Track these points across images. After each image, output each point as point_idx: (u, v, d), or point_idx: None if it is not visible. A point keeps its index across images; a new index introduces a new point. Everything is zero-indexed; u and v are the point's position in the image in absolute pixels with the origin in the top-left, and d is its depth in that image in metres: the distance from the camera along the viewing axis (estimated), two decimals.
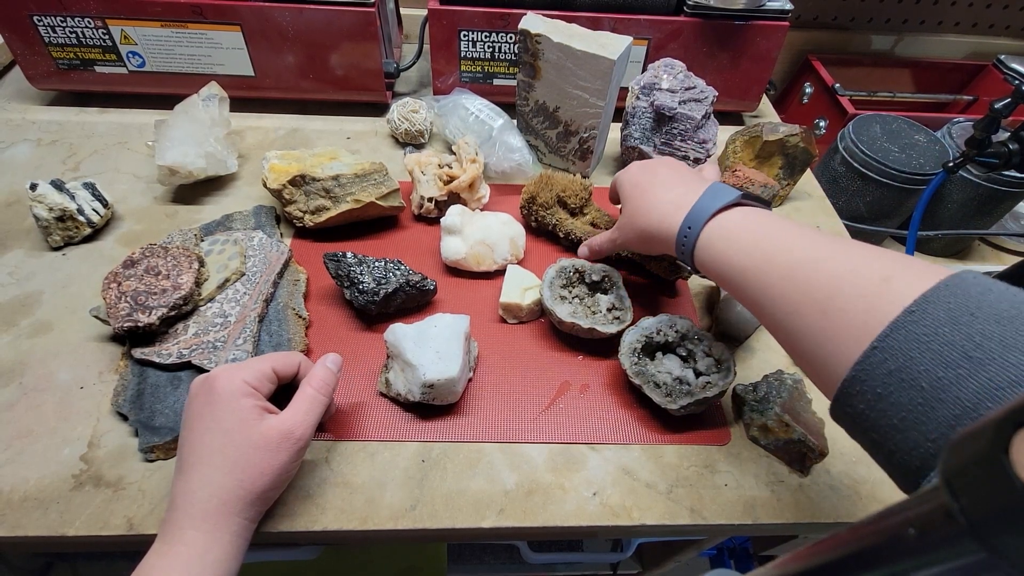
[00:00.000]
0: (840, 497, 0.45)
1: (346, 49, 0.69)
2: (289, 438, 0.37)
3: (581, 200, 0.60)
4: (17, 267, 0.56)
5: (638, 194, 0.46)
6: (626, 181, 0.48)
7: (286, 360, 0.41)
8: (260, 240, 0.56)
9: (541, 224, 0.60)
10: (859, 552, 0.14)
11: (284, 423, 0.37)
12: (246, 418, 0.36)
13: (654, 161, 0.48)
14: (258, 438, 0.36)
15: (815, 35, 0.98)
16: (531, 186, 0.60)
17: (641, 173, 0.47)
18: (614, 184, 0.51)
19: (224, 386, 0.36)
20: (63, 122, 0.72)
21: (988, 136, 0.58)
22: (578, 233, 0.58)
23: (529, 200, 0.60)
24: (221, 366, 0.38)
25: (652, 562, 0.95)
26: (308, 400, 0.39)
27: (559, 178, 0.60)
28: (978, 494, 0.11)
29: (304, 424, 0.38)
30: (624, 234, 0.48)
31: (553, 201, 0.59)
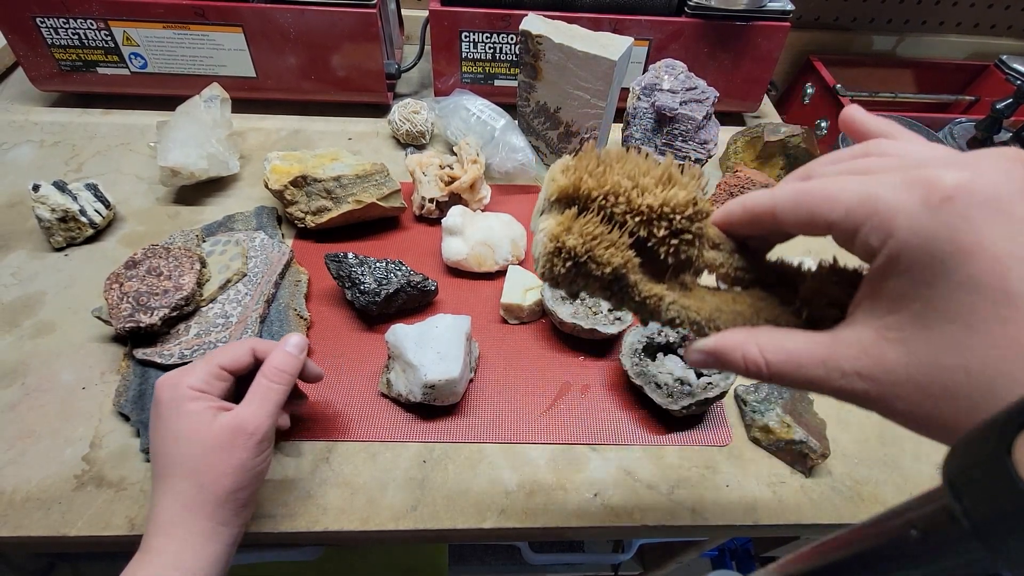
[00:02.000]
0: (842, 498, 0.45)
1: (347, 50, 0.69)
2: (241, 433, 0.35)
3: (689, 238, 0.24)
4: (20, 268, 0.56)
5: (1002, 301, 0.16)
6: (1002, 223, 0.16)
7: (234, 353, 0.38)
8: (262, 241, 0.56)
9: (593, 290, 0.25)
10: (861, 553, 0.14)
11: (235, 418, 0.35)
12: (196, 421, 0.34)
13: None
14: (211, 439, 0.34)
15: (816, 36, 0.98)
16: (564, 226, 0.23)
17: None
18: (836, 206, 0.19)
19: (168, 395, 0.35)
20: (65, 123, 0.72)
21: (990, 136, 0.58)
22: (694, 319, 0.24)
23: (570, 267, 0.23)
24: (166, 374, 0.36)
25: (653, 563, 0.95)
26: (261, 391, 0.37)
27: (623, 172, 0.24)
28: (981, 496, 0.11)
29: (257, 416, 0.36)
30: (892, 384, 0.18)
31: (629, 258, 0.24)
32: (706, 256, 0.24)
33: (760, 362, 0.21)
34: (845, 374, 0.19)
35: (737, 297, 0.24)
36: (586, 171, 0.23)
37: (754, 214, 0.23)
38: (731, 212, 0.24)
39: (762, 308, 0.23)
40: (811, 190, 0.20)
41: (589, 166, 0.23)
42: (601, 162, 0.24)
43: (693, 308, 0.24)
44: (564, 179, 0.23)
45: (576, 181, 0.23)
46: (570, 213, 0.23)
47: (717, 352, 0.23)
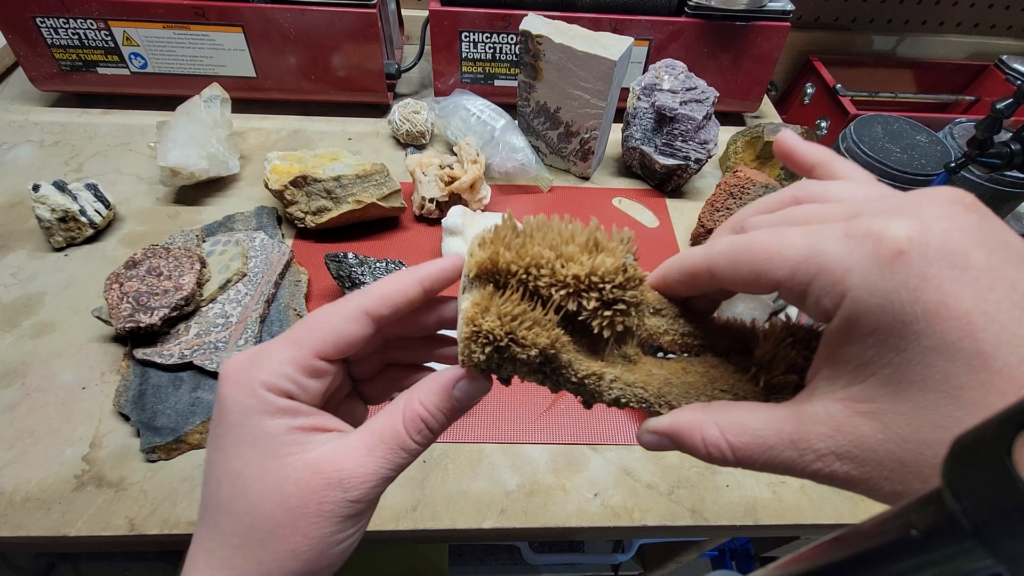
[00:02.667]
0: (842, 498, 0.45)
1: (348, 50, 0.69)
2: (333, 488, 0.20)
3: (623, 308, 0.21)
4: (20, 268, 0.56)
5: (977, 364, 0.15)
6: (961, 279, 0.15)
7: (353, 325, 0.22)
8: (262, 241, 0.56)
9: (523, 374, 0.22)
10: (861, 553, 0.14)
11: (330, 462, 0.21)
12: (266, 452, 0.21)
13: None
14: (289, 488, 0.20)
15: (816, 36, 0.98)
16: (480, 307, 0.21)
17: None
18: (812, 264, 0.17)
19: (231, 397, 0.21)
20: (65, 123, 0.72)
21: (990, 137, 0.58)
22: (642, 396, 0.22)
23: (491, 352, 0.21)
24: (234, 357, 0.22)
25: (653, 563, 0.95)
26: (393, 441, 0.21)
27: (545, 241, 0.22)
28: (981, 496, 0.11)
29: (365, 466, 0.21)
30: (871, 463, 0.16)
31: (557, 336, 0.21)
32: (648, 324, 0.22)
33: (723, 446, 0.19)
34: (821, 455, 0.17)
35: (687, 367, 0.22)
36: (503, 244, 0.21)
37: (691, 274, 0.21)
38: (667, 274, 0.22)
39: (716, 377, 0.21)
40: (751, 246, 0.18)
41: (507, 238, 0.21)
42: (520, 233, 0.21)
43: (639, 383, 0.22)
44: (481, 253, 0.21)
45: (493, 255, 0.21)
46: (486, 292, 0.21)
47: (672, 434, 0.20)
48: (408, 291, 0.23)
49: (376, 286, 0.23)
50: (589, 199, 0.69)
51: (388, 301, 0.23)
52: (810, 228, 0.17)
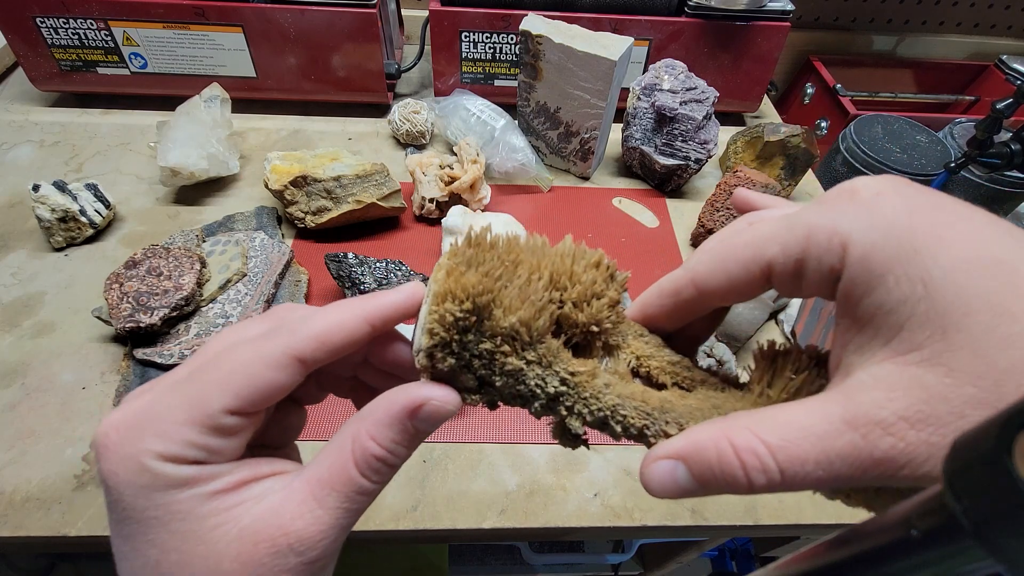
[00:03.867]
0: None
1: (347, 50, 0.69)
2: (286, 555, 0.17)
3: (603, 318, 0.19)
4: (20, 268, 0.56)
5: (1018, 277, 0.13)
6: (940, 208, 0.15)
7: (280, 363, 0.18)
8: (262, 241, 0.56)
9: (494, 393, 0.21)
10: (861, 553, 0.14)
11: (279, 525, 0.17)
12: (186, 533, 0.17)
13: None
14: (227, 567, 0.17)
15: (816, 36, 0.98)
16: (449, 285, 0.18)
17: None
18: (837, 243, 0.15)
19: (118, 475, 0.17)
20: (65, 123, 0.72)
21: (990, 136, 0.58)
22: (642, 408, 0.18)
23: (438, 343, 0.18)
24: (109, 418, 0.17)
25: (653, 563, 0.95)
26: (345, 488, 0.18)
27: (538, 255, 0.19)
28: (981, 496, 0.11)
29: (321, 524, 0.17)
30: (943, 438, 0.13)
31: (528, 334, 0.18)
32: (632, 345, 0.20)
33: (761, 451, 0.14)
34: (888, 426, 0.13)
35: (684, 394, 0.19)
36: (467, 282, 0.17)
37: (674, 293, 0.19)
38: (649, 303, 0.20)
39: (719, 404, 0.18)
40: (732, 244, 0.17)
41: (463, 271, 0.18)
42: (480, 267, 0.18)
43: (637, 395, 0.18)
44: (440, 286, 0.18)
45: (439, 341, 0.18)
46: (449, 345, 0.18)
47: (690, 455, 0.16)
48: (352, 330, 0.19)
49: (312, 322, 0.18)
50: (589, 199, 0.69)
51: (325, 344, 0.18)
52: (780, 213, 0.17)
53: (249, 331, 0.19)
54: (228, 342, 0.19)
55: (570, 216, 0.66)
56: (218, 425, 0.17)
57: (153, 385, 0.18)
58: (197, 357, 0.19)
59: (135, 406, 0.17)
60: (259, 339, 0.18)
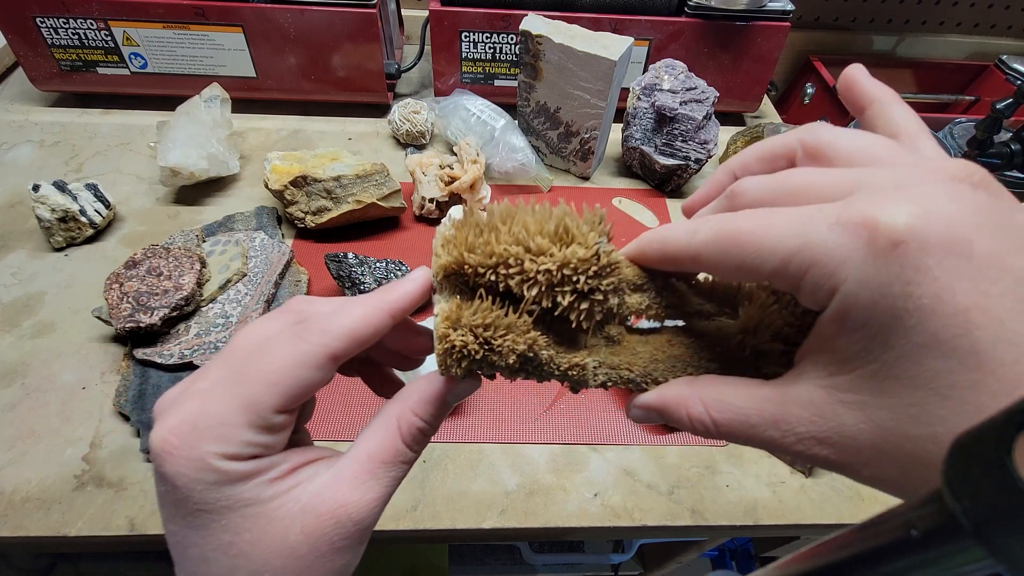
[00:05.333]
0: (842, 498, 0.45)
1: (347, 50, 0.69)
2: (348, 526, 0.20)
3: (600, 298, 0.20)
4: (20, 268, 0.56)
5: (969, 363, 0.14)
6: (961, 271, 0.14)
7: (318, 363, 0.20)
8: (262, 241, 0.56)
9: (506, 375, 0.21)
10: (861, 553, 0.14)
11: (336, 498, 0.20)
12: (255, 515, 0.19)
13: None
14: (294, 539, 0.19)
15: (816, 36, 0.98)
16: (450, 319, 0.20)
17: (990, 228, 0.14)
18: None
19: (184, 476, 0.18)
20: (65, 123, 0.72)
21: (990, 136, 0.58)
22: (627, 377, 0.21)
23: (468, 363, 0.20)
24: (165, 422, 0.19)
25: (653, 563, 0.95)
26: (395, 458, 0.21)
27: (511, 235, 0.20)
28: (981, 496, 0.11)
29: (374, 493, 0.20)
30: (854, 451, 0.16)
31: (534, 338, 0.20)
32: (629, 302, 0.21)
33: (706, 421, 0.18)
34: (801, 438, 0.17)
35: (672, 339, 0.21)
36: (466, 245, 0.20)
37: (673, 260, 0.19)
38: (646, 251, 0.20)
39: (703, 347, 0.21)
40: (738, 237, 0.17)
41: (470, 237, 0.20)
42: (485, 227, 0.20)
43: (624, 365, 0.21)
44: (445, 256, 0.20)
45: (458, 258, 0.20)
46: (454, 303, 0.20)
47: (659, 409, 0.20)
48: (377, 325, 0.21)
49: (341, 319, 0.20)
50: (589, 199, 0.69)
51: (356, 341, 0.20)
52: (801, 213, 0.16)
53: (275, 326, 0.21)
54: (259, 337, 0.20)
55: (541, 200, 0.66)
56: (270, 424, 0.19)
57: (194, 383, 0.20)
58: (232, 354, 0.20)
59: (188, 410, 0.19)
60: (294, 338, 0.20)
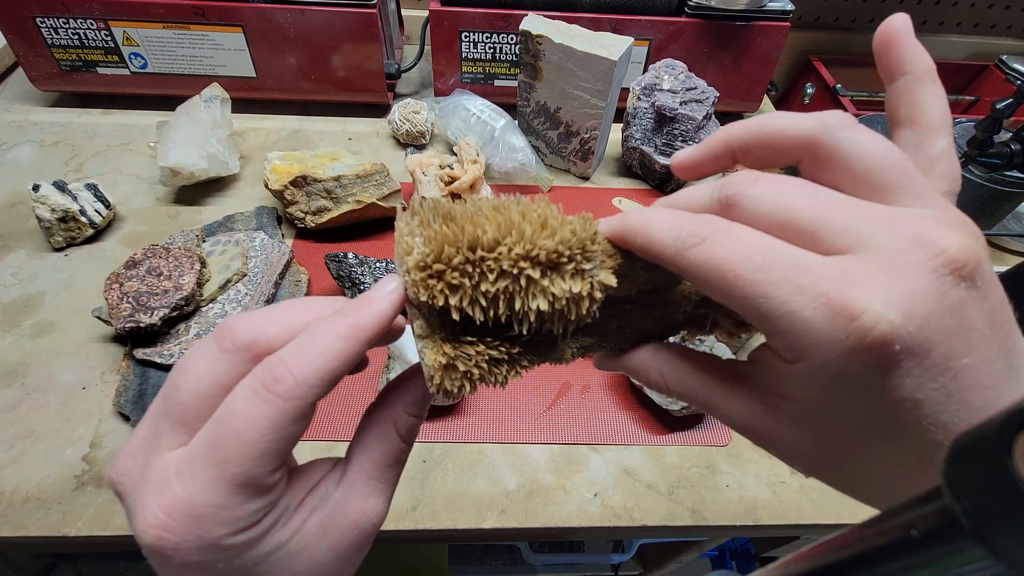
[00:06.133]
0: (842, 498, 0.45)
1: (347, 50, 0.69)
2: (365, 528, 0.20)
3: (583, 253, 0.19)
4: (20, 268, 0.56)
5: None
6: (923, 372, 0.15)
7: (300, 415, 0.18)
8: (262, 241, 0.56)
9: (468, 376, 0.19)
10: (861, 553, 0.14)
11: (353, 511, 0.20)
12: (278, 556, 0.19)
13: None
14: (323, 558, 0.20)
15: (816, 36, 0.98)
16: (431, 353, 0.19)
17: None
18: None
19: (199, 560, 0.17)
20: (65, 123, 0.72)
21: (990, 136, 0.58)
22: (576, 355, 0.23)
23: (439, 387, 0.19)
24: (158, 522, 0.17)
25: (653, 563, 0.95)
26: (399, 457, 0.21)
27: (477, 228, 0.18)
28: (981, 496, 0.11)
29: (384, 495, 0.21)
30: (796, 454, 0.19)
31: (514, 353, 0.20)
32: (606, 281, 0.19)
33: (662, 388, 0.21)
34: (733, 421, 0.19)
35: (637, 311, 0.22)
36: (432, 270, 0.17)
37: (656, 258, 0.18)
38: (629, 238, 0.19)
39: (667, 322, 0.22)
40: (728, 276, 0.16)
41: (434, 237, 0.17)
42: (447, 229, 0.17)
43: (596, 343, 0.22)
44: (421, 249, 0.17)
45: (438, 249, 0.17)
46: (439, 351, 0.18)
47: (624, 370, 0.23)
48: (353, 356, 0.18)
49: (311, 362, 0.18)
50: (589, 199, 0.69)
51: (332, 379, 0.18)
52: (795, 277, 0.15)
53: (223, 368, 0.18)
54: (213, 387, 0.18)
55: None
56: (266, 486, 0.18)
57: (158, 456, 0.18)
58: (186, 411, 0.18)
59: (173, 499, 0.17)
60: (265, 397, 0.17)
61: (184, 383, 0.18)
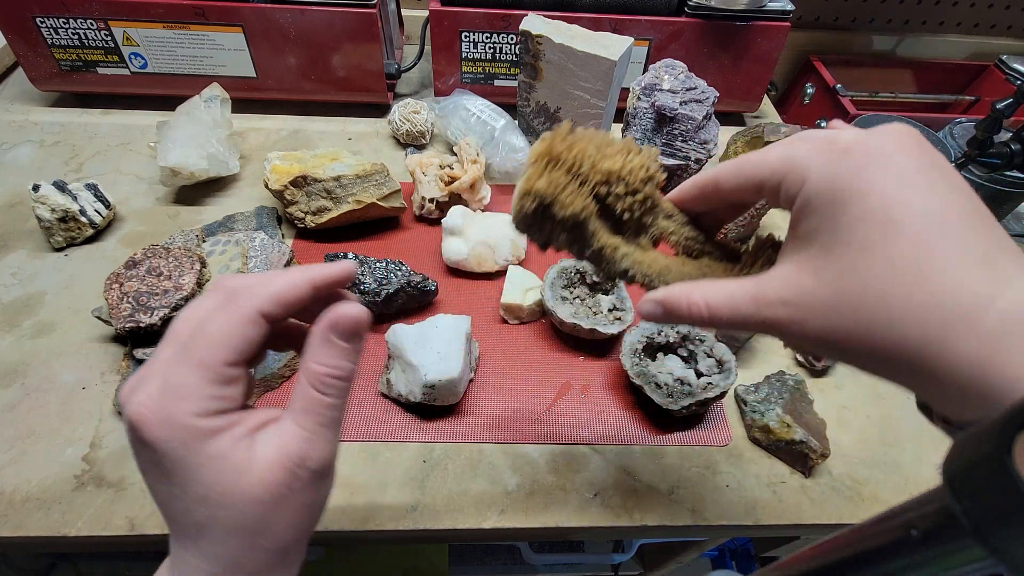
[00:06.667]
0: (842, 498, 0.45)
1: (347, 50, 0.69)
2: (301, 472, 0.23)
3: (642, 198, 0.27)
4: (20, 268, 0.56)
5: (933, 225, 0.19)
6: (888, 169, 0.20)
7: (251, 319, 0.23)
8: (262, 241, 0.56)
9: (557, 234, 0.28)
10: (861, 553, 0.14)
11: (288, 456, 0.23)
12: (226, 473, 0.22)
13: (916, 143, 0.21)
14: (258, 492, 0.22)
15: (816, 36, 0.98)
16: (535, 175, 0.27)
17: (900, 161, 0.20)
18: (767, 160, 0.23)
19: (163, 438, 0.21)
20: (66, 123, 0.72)
21: (990, 136, 0.58)
22: (646, 272, 0.28)
23: (537, 206, 0.27)
24: (136, 396, 0.22)
25: (653, 563, 0.95)
26: (315, 410, 0.24)
27: (591, 143, 0.27)
28: (981, 496, 0.11)
29: (319, 448, 0.24)
30: (806, 306, 0.21)
31: (588, 206, 0.27)
32: (660, 224, 0.28)
33: (702, 306, 0.24)
34: (771, 303, 0.22)
35: (687, 262, 0.28)
36: (558, 139, 0.27)
37: (701, 185, 0.26)
38: (683, 189, 0.28)
39: (707, 272, 0.27)
40: (747, 158, 0.24)
41: (560, 135, 0.27)
42: (571, 135, 0.27)
43: (646, 263, 0.28)
44: (540, 145, 0.27)
45: (550, 145, 0.26)
46: (541, 165, 0.27)
47: (666, 301, 0.25)
48: (300, 290, 0.24)
49: (264, 284, 0.24)
50: None
51: (281, 302, 0.24)
52: (790, 143, 0.23)
53: (207, 304, 0.24)
54: (198, 317, 0.23)
55: None
56: (225, 377, 0.22)
57: (150, 367, 0.23)
58: (177, 335, 0.23)
59: (153, 385, 0.22)
60: (228, 304, 0.23)
61: (177, 321, 0.23)
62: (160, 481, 0.22)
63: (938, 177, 0.20)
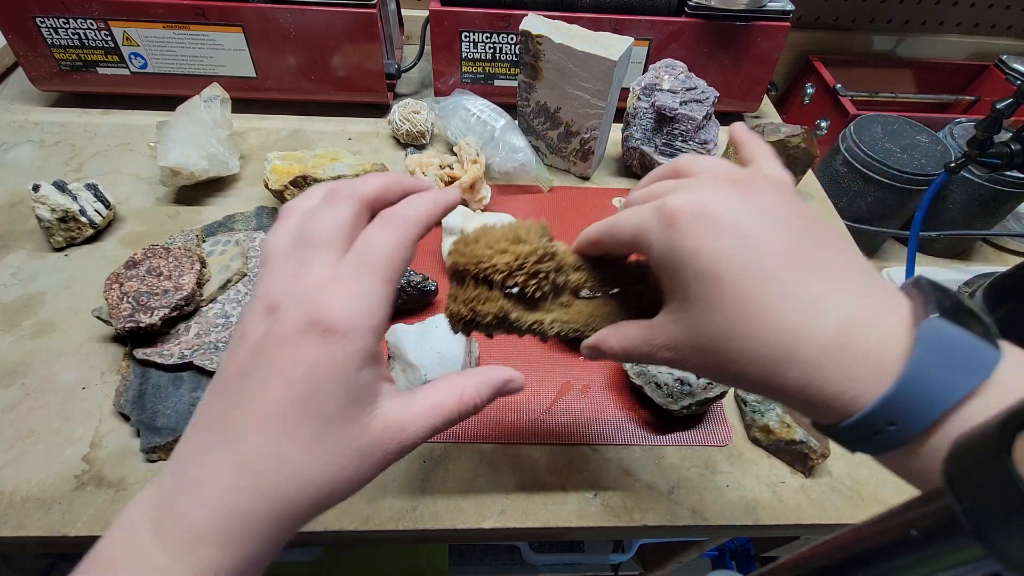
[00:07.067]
0: (842, 498, 0.45)
1: (347, 50, 0.69)
2: (396, 442, 0.23)
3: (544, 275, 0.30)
4: (20, 268, 0.56)
5: (750, 275, 0.22)
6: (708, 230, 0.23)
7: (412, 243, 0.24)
8: (262, 241, 0.56)
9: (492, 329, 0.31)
10: (861, 553, 0.14)
11: (401, 424, 0.23)
12: (359, 401, 0.22)
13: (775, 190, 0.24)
14: (364, 441, 0.22)
15: (816, 36, 0.98)
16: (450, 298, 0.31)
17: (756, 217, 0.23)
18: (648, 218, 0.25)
19: (346, 332, 0.21)
20: (65, 123, 0.72)
21: (990, 136, 0.58)
22: (575, 328, 0.31)
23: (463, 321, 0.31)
24: (333, 292, 0.22)
25: (653, 563, 0.95)
26: (454, 401, 0.25)
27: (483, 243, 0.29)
28: (981, 496, 0.11)
29: (424, 432, 0.24)
30: (681, 351, 0.25)
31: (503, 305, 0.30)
32: (572, 278, 0.31)
33: (617, 349, 0.28)
34: (658, 348, 0.26)
35: (606, 302, 0.31)
36: (458, 251, 0.29)
37: (592, 242, 0.30)
38: (579, 241, 0.31)
39: (622, 306, 0.31)
40: (614, 223, 0.27)
41: (460, 245, 0.29)
42: (469, 240, 0.29)
43: (572, 321, 0.31)
44: (447, 260, 0.30)
45: (454, 261, 0.29)
46: (455, 289, 0.30)
47: (594, 347, 0.30)
48: (436, 216, 0.26)
49: (411, 210, 0.25)
50: (589, 199, 0.69)
51: (426, 224, 0.26)
52: (643, 209, 0.25)
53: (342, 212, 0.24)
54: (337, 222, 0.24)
55: (570, 216, 0.66)
56: (391, 295, 0.23)
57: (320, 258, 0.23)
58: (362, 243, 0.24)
59: (351, 291, 0.22)
60: (387, 226, 0.25)
61: (319, 224, 0.24)
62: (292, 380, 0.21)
63: (759, 223, 0.22)
